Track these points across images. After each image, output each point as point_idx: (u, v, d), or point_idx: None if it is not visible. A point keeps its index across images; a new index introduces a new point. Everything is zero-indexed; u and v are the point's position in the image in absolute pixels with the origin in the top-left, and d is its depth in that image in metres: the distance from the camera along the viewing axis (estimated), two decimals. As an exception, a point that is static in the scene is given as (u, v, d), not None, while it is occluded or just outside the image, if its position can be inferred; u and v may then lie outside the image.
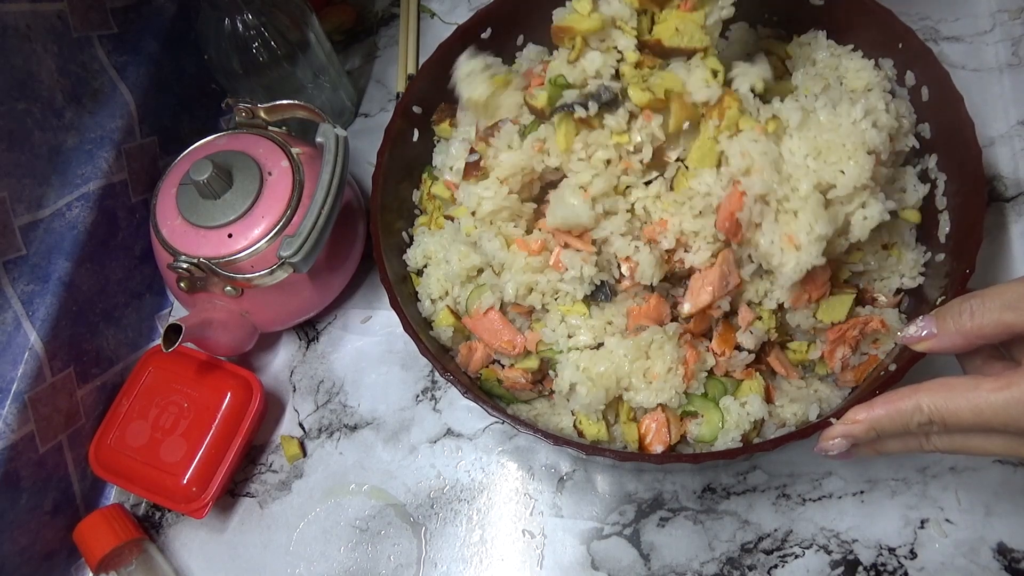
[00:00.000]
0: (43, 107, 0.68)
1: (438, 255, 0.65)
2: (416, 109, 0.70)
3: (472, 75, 0.61)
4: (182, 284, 0.66)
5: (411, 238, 0.69)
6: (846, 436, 0.46)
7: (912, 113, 0.62)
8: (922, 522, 0.60)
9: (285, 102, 0.70)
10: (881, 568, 0.59)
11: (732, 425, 0.56)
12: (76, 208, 0.70)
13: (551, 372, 0.61)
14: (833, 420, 0.47)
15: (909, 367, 0.51)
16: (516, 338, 0.61)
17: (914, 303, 0.61)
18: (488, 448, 0.68)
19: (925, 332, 0.45)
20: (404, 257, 0.68)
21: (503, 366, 0.63)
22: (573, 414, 0.59)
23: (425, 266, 0.66)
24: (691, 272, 0.57)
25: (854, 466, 0.62)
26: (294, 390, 0.74)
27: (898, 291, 0.62)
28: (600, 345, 0.58)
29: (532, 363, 0.61)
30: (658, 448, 0.57)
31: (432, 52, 0.70)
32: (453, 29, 0.71)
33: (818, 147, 0.54)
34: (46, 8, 0.68)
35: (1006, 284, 0.43)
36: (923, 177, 0.62)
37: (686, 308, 0.57)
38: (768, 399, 0.59)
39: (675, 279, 0.60)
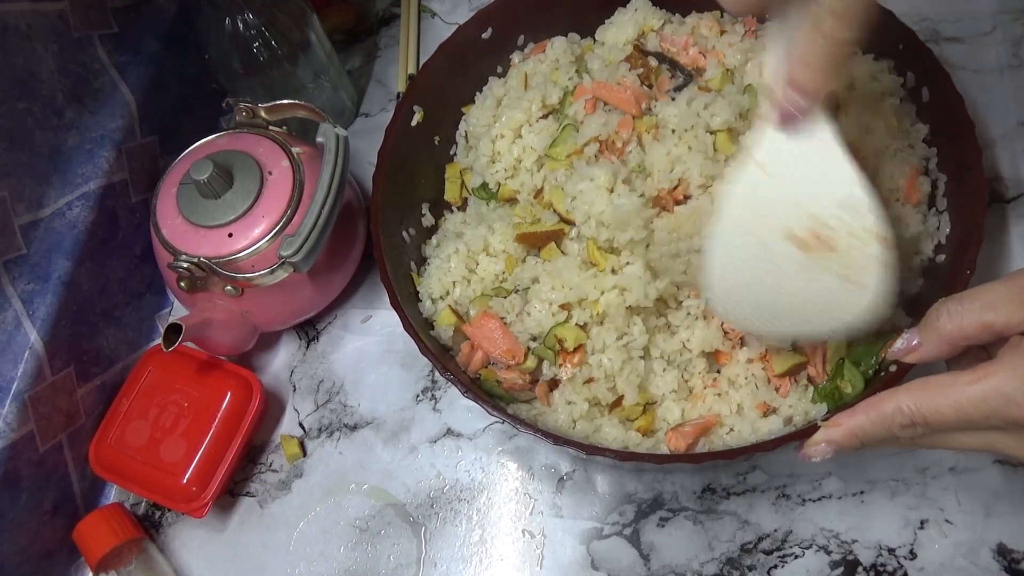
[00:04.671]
0: (43, 106, 0.68)
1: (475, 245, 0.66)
2: (416, 109, 0.70)
3: None
4: (182, 284, 0.66)
5: (411, 237, 0.69)
6: (829, 442, 0.46)
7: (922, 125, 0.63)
8: (922, 523, 0.60)
9: (286, 102, 0.70)
10: (881, 568, 0.59)
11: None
12: (76, 207, 0.70)
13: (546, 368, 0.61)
14: (820, 423, 0.47)
15: (910, 368, 0.51)
16: (515, 347, 0.61)
17: (915, 304, 0.61)
18: (488, 448, 0.68)
19: (913, 343, 0.46)
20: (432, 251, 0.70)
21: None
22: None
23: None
24: None
25: (854, 466, 0.62)
26: (294, 390, 0.74)
27: (900, 292, 0.62)
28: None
29: (529, 364, 0.61)
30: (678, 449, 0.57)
31: (432, 52, 0.71)
32: (454, 29, 0.71)
33: None
34: (47, 7, 0.68)
35: (985, 285, 0.43)
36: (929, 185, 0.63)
37: None
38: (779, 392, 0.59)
39: None
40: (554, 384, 0.62)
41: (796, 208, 0.46)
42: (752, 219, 0.48)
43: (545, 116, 0.68)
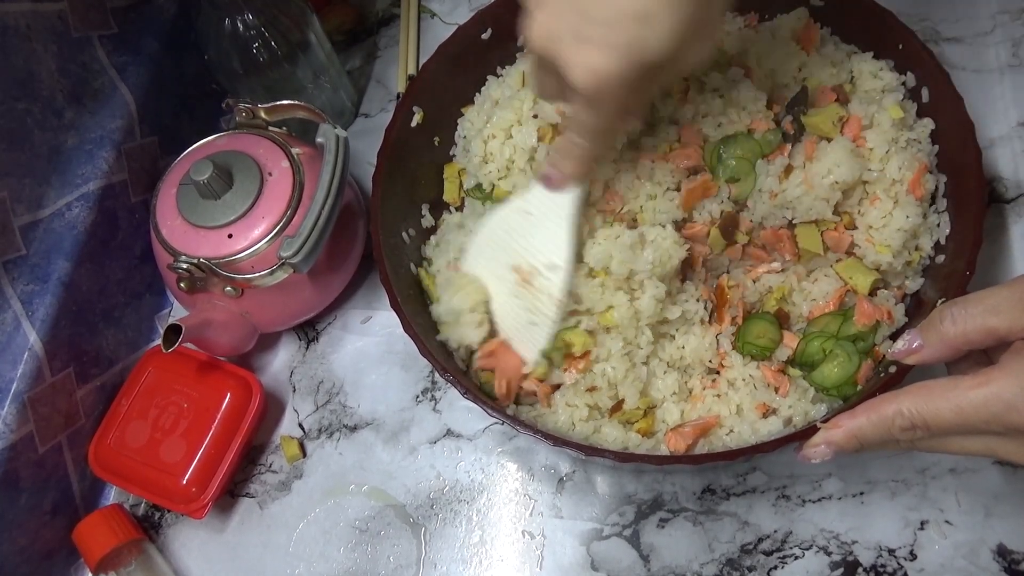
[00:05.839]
0: (43, 107, 0.68)
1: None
2: (416, 109, 0.70)
3: None
4: (182, 284, 0.66)
5: (411, 238, 0.69)
6: (828, 444, 0.46)
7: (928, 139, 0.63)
8: (922, 523, 0.60)
9: (285, 102, 0.70)
10: (881, 569, 0.59)
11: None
12: (76, 208, 0.70)
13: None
14: (820, 424, 0.47)
15: (909, 369, 0.51)
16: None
17: (914, 304, 0.61)
18: (488, 449, 0.68)
19: (914, 345, 0.46)
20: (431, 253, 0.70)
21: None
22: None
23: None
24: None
25: (854, 467, 0.62)
26: (294, 390, 0.74)
27: (899, 290, 0.62)
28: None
29: (540, 370, 0.61)
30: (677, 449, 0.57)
31: (432, 52, 0.71)
32: (453, 29, 0.71)
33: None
34: (46, 8, 0.68)
35: (989, 289, 0.43)
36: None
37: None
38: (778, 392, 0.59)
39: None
40: (555, 386, 0.62)
41: (527, 251, 0.59)
42: (504, 241, 0.60)
43: (537, 115, 0.68)
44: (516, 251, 0.59)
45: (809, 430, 0.48)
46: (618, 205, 0.61)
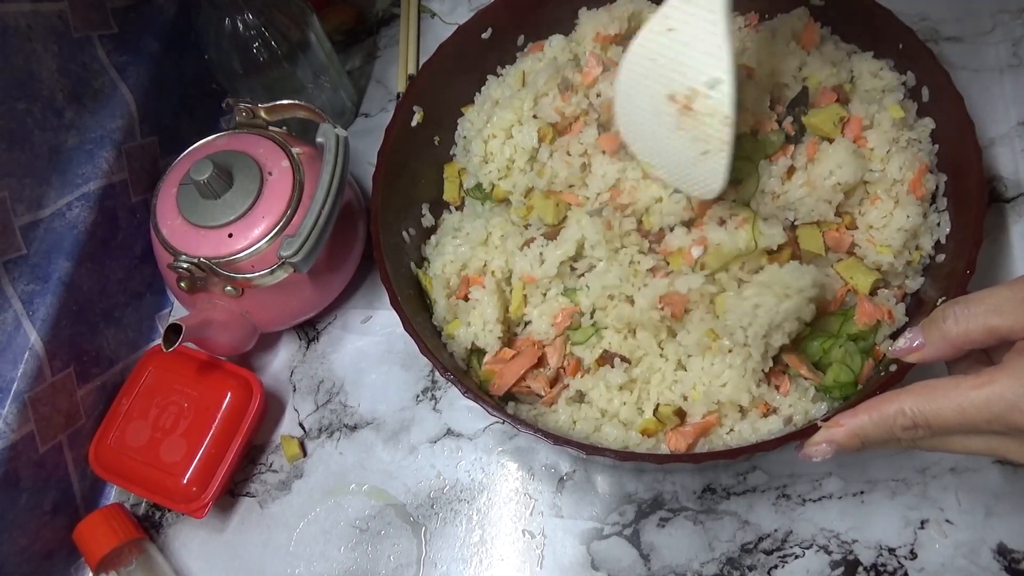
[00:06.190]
0: (43, 107, 0.68)
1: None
2: (416, 109, 0.70)
3: None
4: (182, 284, 0.66)
5: (411, 237, 0.69)
6: (829, 442, 0.46)
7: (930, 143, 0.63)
8: (922, 523, 0.60)
9: (285, 102, 0.70)
10: (881, 569, 0.59)
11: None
12: (76, 208, 0.70)
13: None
14: (820, 423, 0.47)
15: (910, 367, 0.51)
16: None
17: (915, 304, 0.61)
18: (488, 448, 0.68)
19: (915, 343, 0.45)
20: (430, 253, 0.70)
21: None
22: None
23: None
24: None
25: (854, 466, 0.62)
26: (294, 390, 0.74)
27: (900, 289, 0.62)
28: None
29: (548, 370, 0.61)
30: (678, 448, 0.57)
31: (432, 52, 0.71)
32: (453, 29, 0.71)
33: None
34: (46, 8, 0.68)
35: (991, 289, 0.43)
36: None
37: None
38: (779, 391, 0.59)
39: None
40: (555, 382, 0.62)
41: (681, 73, 0.52)
42: (651, 70, 0.53)
43: (537, 116, 0.68)
44: (668, 77, 0.52)
45: (809, 429, 0.48)
46: (627, 200, 0.61)
